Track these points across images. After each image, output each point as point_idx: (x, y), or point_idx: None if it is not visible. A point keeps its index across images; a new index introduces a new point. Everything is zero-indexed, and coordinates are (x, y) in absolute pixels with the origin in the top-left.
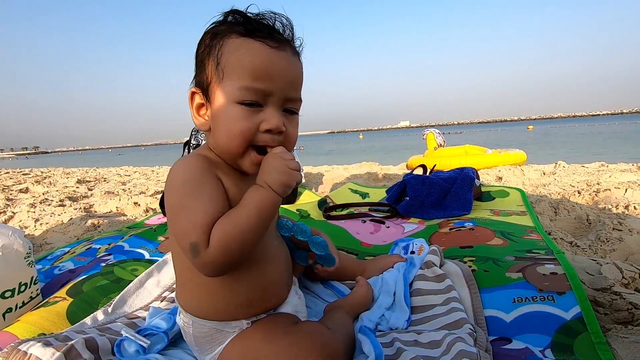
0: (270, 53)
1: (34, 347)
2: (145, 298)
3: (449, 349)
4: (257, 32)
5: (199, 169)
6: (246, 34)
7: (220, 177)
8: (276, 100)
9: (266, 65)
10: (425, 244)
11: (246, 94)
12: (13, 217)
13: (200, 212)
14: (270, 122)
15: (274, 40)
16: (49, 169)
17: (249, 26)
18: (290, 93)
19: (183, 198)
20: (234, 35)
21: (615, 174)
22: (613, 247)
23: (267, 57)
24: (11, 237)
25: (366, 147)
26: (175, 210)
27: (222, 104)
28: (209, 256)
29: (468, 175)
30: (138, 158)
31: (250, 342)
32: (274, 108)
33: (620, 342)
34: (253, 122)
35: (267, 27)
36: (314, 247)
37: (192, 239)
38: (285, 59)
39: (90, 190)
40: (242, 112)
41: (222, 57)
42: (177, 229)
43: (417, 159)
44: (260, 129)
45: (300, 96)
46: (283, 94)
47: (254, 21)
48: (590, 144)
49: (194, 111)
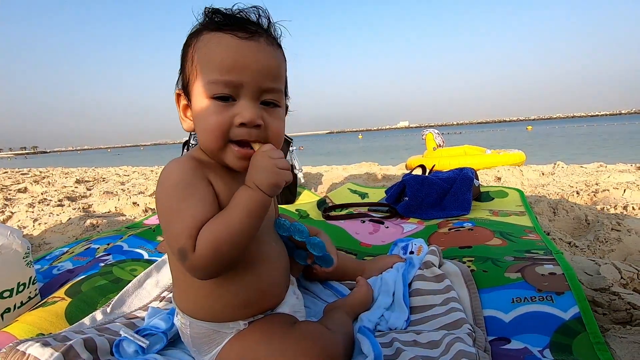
0: (239, 44)
1: (32, 347)
2: (144, 298)
3: (448, 349)
4: (226, 25)
5: (189, 172)
6: (217, 29)
7: (211, 178)
8: (249, 92)
9: (235, 57)
10: (424, 244)
11: (216, 87)
12: (11, 216)
13: (188, 216)
14: (244, 115)
15: (246, 32)
16: (48, 169)
17: (219, 20)
18: (265, 83)
19: (172, 201)
20: (206, 31)
21: (613, 174)
22: (612, 247)
23: (235, 49)
24: (10, 237)
25: (365, 147)
26: (165, 214)
27: (197, 102)
28: (197, 260)
29: (467, 175)
30: (137, 158)
31: (247, 343)
32: (247, 100)
33: (619, 342)
34: (226, 116)
35: (238, 20)
36: (311, 247)
37: (180, 243)
38: (256, 48)
39: (89, 190)
40: (214, 106)
41: (195, 54)
42: (168, 233)
43: (416, 159)
44: (235, 123)
45: (279, 87)
46: (256, 85)
47: (225, 15)
48: (589, 145)
49: (180, 113)
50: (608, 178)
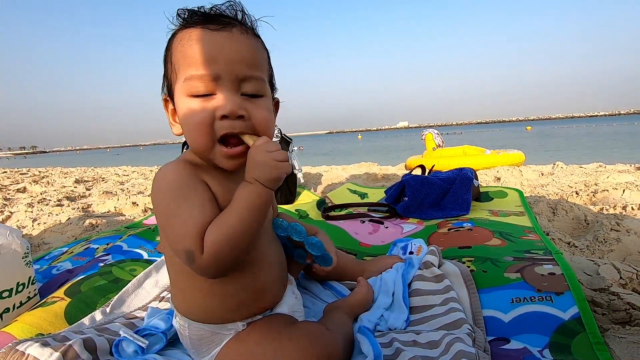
0: (210, 35)
1: (31, 347)
2: (143, 298)
3: (448, 349)
4: (196, 20)
5: (185, 174)
6: (186, 26)
7: (206, 180)
8: (227, 84)
9: (207, 49)
10: (423, 245)
11: (193, 83)
12: (11, 216)
13: (190, 219)
14: (225, 106)
15: (216, 23)
16: (47, 169)
17: (187, 18)
18: (242, 71)
19: (171, 205)
20: (178, 32)
21: (613, 174)
22: (611, 247)
23: (206, 41)
24: (9, 237)
25: (365, 147)
26: (166, 218)
27: (179, 103)
28: (206, 261)
29: (466, 175)
30: (136, 158)
31: (246, 344)
32: (226, 92)
33: (618, 342)
34: (208, 112)
35: (206, 14)
36: (310, 247)
37: (186, 247)
38: (229, 38)
39: (88, 190)
40: (194, 103)
41: (172, 56)
42: (170, 237)
43: (415, 159)
44: (217, 117)
45: (258, 75)
46: (232, 74)
47: (197, 12)
48: (589, 145)
49: (170, 119)
50: (607, 178)
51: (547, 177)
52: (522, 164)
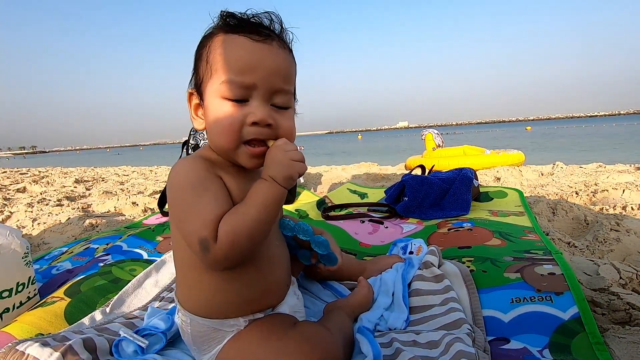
0: (253, 46)
1: (31, 347)
2: (143, 298)
3: (448, 349)
4: (241, 27)
5: (202, 170)
6: (231, 31)
7: (222, 176)
8: (261, 93)
9: (248, 58)
10: (423, 245)
11: (230, 87)
12: (10, 216)
13: (207, 211)
14: (256, 114)
15: (259, 35)
16: (47, 169)
17: (235, 23)
18: (277, 85)
19: (188, 200)
20: (220, 33)
21: (613, 174)
22: (611, 247)
23: (249, 50)
24: (8, 237)
25: (365, 147)
26: (182, 211)
27: (211, 102)
28: (219, 251)
29: (466, 175)
30: (136, 158)
31: (247, 342)
32: (259, 101)
33: (618, 342)
34: (239, 116)
35: (252, 23)
36: (316, 246)
37: (201, 237)
38: (269, 51)
39: (88, 190)
40: (227, 106)
41: (209, 55)
42: (187, 229)
43: (415, 159)
44: (247, 122)
45: (289, 89)
46: (268, 85)
47: (240, 18)
48: (588, 145)
49: (192, 112)
50: (607, 178)
51: (547, 177)
52: (521, 164)
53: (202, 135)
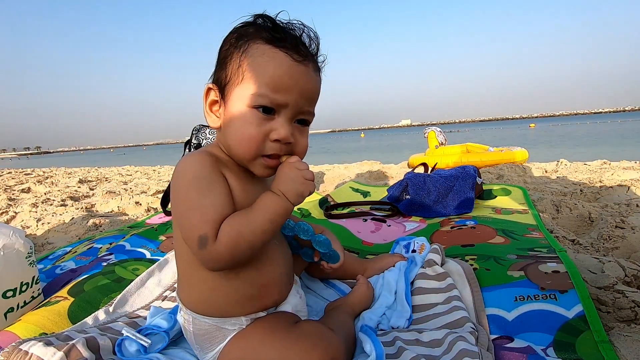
0: (292, 66)
1: (35, 346)
2: (146, 297)
3: (451, 348)
4: (283, 42)
5: (207, 167)
6: (272, 42)
7: (226, 175)
8: (289, 113)
9: (287, 78)
10: (426, 243)
11: (262, 101)
12: (15, 217)
13: (210, 208)
14: (280, 132)
15: (299, 54)
16: (51, 169)
17: (276, 34)
18: (305, 107)
19: (192, 194)
20: (260, 40)
21: (617, 171)
22: (615, 245)
23: (288, 70)
24: (12, 237)
25: (367, 145)
26: (184, 206)
27: (236, 106)
28: (216, 250)
29: (469, 173)
30: (139, 158)
31: (250, 341)
32: (285, 119)
33: (623, 341)
34: (263, 130)
35: (293, 38)
36: (317, 245)
37: (201, 232)
38: (306, 74)
39: (91, 190)
40: (254, 118)
41: (244, 60)
42: (187, 225)
43: (418, 157)
44: (270, 138)
45: (313, 110)
46: (298, 107)
47: (282, 30)
48: (593, 142)
49: (207, 107)
50: (612, 175)
51: (551, 174)
52: (525, 161)
53: (204, 134)
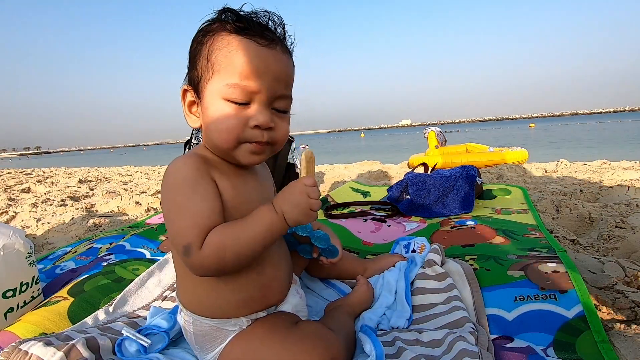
0: (259, 51)
1: (35, 346)
2: (146, 297)
3: (451, 348)
4: (247, 30)
5: (195, 169)
6: (236, 32)
7: (216, 177)
8: (264, 98)
9: (255, 63)
10: (426, 243)
11: (234, 91)
12: (15, 217)
13: (194, 214)
14: (258, 118)
15: (265, 39)
16: (51, 169)
17: (240, 24)
18: (279, 91)
19: (179, 198)
20: (225, 32)
21: (617, 171)
22: (615, 245)
23: (256, 55)
24: (12, 237)
25: (367, 145)
26: (171, 210)
27: (210, 101)
28: (201, 258)
29: (469, 173)
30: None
31: (250, 341)
32: (261, 105)
33: (623, 341)
34: (241, 119)
35: (257, 25)
36: (316, 241)
37: (186, 239)
38: (274, 57)
39: (91, 190)
40: (229, 109)
41: (212, 54)
42: (173, 229)
43: (418, 157)
44: (249, 125)
45: (289, 94)
46: (272, 91)
47: (245, 19)
48: (593, 142)
49: (185, 109)
50: (612, 175)
51: (551, 174)
52: (525, 161)
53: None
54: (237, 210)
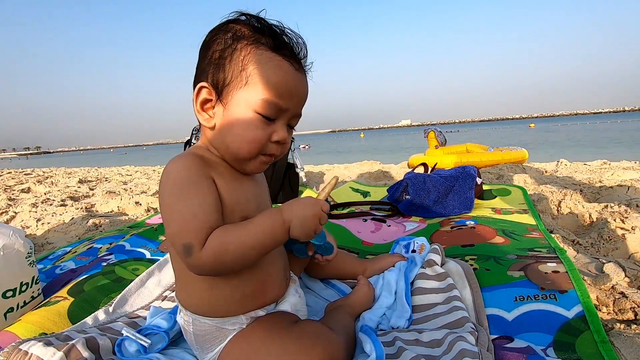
0: (294, 74)
1: (35, 346)
2: (146, 297)
3: (451, 348)
4: (283, 50)
5: (193, 169)
6: (274, 50)
7: (214, 177)
8: (287, 116)
9: (290, 86)
10: (426, 243)
11: (268, 106)
12: (15, 217)
13: (196, 213)
14: (280, 134)
15: (297, 62)
16: (51, 169)
17: (277, 42)
18: (299, 111)
19: (175, 198)
20: (263, 47)
21: (617, 171)
22: (615, 245)
23: (292, 78)
24: (12, 237)
25: (367, 145)
26: (170, 211)
27: (238, 109)
28: (201, 259)
29: (469, 173)
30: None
31: (250, 340)
32: (284, 122)
33: (623, 341)
34: (266, 133)
35: (291, 46)
36: (313, 239)
37: (186, 239)
38: (302, 80)
39: (91, 190)
40: (258, 121)
41: (248, 65)
42: (172, 229)
43: (418, 157)
44: (271, 139)
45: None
46: (295, 111)
47: (280, 36)
48: (593, 142)
49: (197, 105)
50: (612, 175)
51: (551, 174)
52: (525, 161)
53: None
54: (232, 211)
